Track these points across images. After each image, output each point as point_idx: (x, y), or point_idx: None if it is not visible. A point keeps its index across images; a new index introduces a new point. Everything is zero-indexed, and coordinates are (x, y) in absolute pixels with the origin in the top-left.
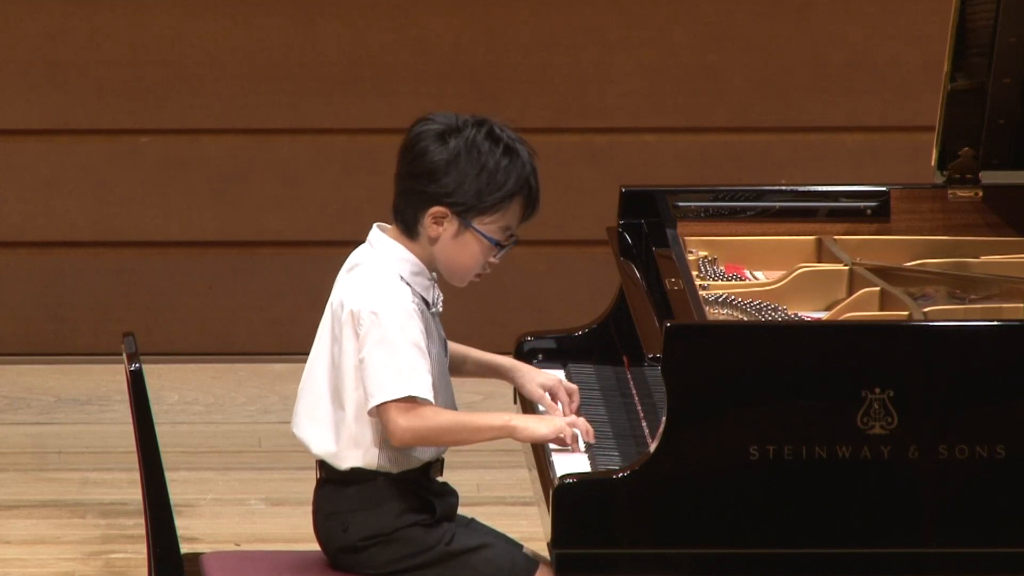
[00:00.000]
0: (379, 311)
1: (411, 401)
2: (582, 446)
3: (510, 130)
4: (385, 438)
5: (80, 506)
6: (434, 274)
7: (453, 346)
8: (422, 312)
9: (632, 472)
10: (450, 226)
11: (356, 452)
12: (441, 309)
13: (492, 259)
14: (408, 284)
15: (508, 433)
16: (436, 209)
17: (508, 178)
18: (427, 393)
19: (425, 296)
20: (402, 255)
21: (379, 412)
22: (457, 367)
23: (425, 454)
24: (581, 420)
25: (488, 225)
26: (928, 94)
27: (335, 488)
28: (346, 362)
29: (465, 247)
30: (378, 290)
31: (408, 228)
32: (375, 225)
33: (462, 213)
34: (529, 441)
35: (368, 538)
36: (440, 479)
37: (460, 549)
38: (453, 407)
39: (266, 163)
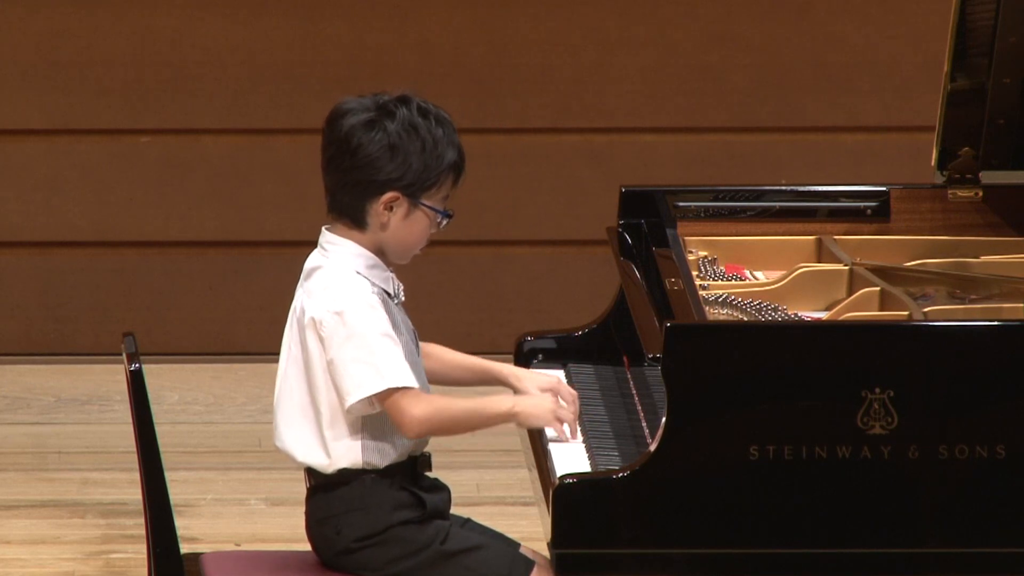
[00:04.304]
0: (342, 310)
1: (413, 391)
2: (566, 431)
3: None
4: (365, 433)
5: (80, 506)
6: (391, 266)
7: (443, 352)
8: (384, 302)
9: (632, 472)
10: (400, 209)
11: (339, 454)
12: (403, 298)
13: (434, 229)
14: (366, 278)
15: (512, 419)
16: (388, 195)
17: (447, 148)
18: (408, 381)
19: (385, 288)
20: (355, 251)
21: (388, 406)
22: (448, 374)
23: (408, 445)
24: (568, 412)
25: (434, 198)
26: (928, 94)
27: (324, 493)
28: (315, 367)
29: (415, 224)
30: (337, 290)
31: (356, 221)
32: (323, 228)
33: (412, 193)
34: (529, 427)
35: (361, 539)
36: (430, 475)
37: (455, 549)
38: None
39: (266, 163)
